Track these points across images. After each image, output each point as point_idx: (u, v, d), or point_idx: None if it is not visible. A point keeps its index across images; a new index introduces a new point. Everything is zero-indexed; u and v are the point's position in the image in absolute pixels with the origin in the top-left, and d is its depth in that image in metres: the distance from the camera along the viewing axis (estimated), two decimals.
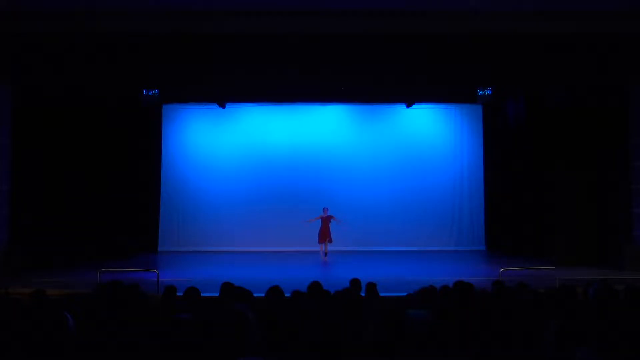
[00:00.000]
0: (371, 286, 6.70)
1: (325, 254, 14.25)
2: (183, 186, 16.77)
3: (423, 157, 17.00)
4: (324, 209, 14.60)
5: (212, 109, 16.44)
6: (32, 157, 12.64)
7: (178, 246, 16.36)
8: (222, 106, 16.12)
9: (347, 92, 14.54)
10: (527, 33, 10.84)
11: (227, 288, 5.80)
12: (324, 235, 14.32)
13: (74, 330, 4.75)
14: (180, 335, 4.59)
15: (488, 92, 13.68)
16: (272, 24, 10.48)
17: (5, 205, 11.84)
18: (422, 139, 17.08)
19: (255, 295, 5.88)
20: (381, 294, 6.80)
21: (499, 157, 16.31)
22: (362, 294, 6.67)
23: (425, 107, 16.78)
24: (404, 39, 11.11)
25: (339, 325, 4.90)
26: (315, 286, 6.07)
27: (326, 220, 14.42)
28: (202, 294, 5.78)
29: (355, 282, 6.64)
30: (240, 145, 16.82)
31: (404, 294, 6.72)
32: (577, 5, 10.03)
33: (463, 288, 5.83)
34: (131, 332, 4.66)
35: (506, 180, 15.86)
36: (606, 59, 11.58)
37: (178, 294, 5.85)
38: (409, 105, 16.29)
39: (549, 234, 13.88)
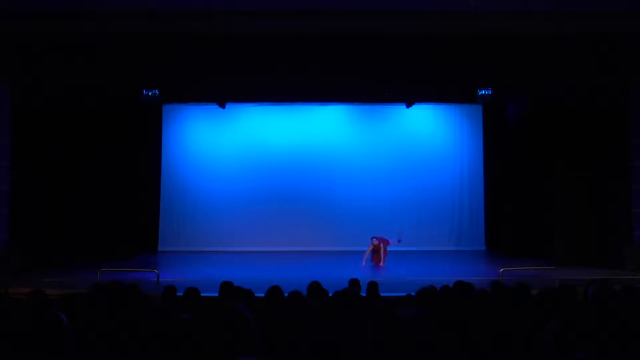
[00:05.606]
0: (372, 286, 6.69)
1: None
2: (183, 186, 16.77)
3: (423, 157, 17.01)
4: (372, 239, 13.80)
5: (212, 109, 16.44)
6: (32, 157, 12.64)
7: (178, 246, 16.36)
8: (222, 106, 16.12)
9: (347, 92, 14.55)
10: (527, 33, 10.83)
11: (227, 288, 5.80)
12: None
13: (70, 330, 4.75)
14: (180, 335, 4.58)
15: (488, 92, 13.68)
16: (272, 24, 10.47)
17: (5, 205, 11.84)
18: (422, 139, 17.08)
19: (255, 295, 5.87)
20: (381, 294, 6.80)
21: (499, 157, 16.31)
22: (363, 294, 6.67)
23: (425, 107, 16.77)
24: (404, 39, 11.12)
25: (339, 325, 4.90)
26: (315, 286, 6.07)
27: (378, 248, 13.68)
28: (202, 294, 5.77)
29: (354, 282, 6.64)
30: (240, 145, 16.83)
31: (404, 294, 6.72)
32: (577, 5, 10.03)
33: (463, 288, 5.83)
34: (131, 332, 4.66)
35: (506, 180, 15.85)
36: (606, 59, 11.58)
37: (178, 294, 5.85)
38: (409, 105, 16.29)
39: (549, 234, 13.88)
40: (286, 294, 5.56)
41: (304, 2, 9.99)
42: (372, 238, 13.76)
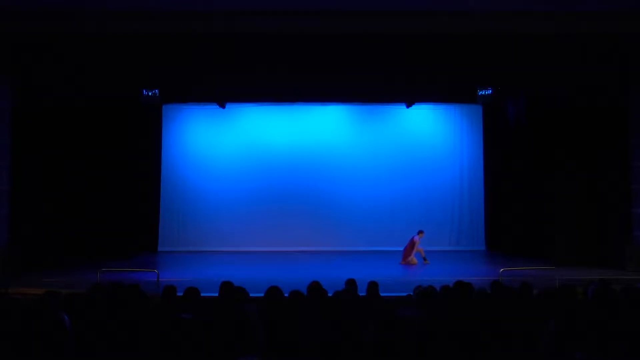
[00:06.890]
0: (372, 286, 6.69)
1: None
2: (183, 186, 16.76)
3: (423, 157, 17.00)
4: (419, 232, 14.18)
5: (212, 109, 16.43)
6: (32, 157, 12.64)
7: (178, 246, 16.35)
8: (222, 106, 16.12)
9: (347, 92, 14.52)
10: (527, 33, 10.83)
11: (227, 288, 5.80)
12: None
13: (71, 330, 4.75)
14: (180, 335, 4.58)
15: (488, 92, 13.67)
16: (272, 24, 10.47)
17: (5, 205, 11.84)
18: (422, 139, 17.08)
19: (255, 295, 5.88)
20: (381, 294, 6.80)
21: (499, 157, 16.30)
22: (363, 294, 6.67)
23: (425, 107, 16.77)
24: (404, 39, 11.11)
25: (339, 325, 4.90)
26: (314, 286, 6.07)
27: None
28: (202, 294, 5.78)
29: (350, 283, 6.66)
30: (240, 146, 16.82)
31: (404, 294, 6.73)
32: (577, 5, 10.03)
33: (463, 288, 5.83)
34: (131, 332, 4.66)
35: (506, 180, 15.85)
36: (606, 59, 11.58)
37: (178, 294, 5.85)
38: (409, 106, 16.29)
39: (549, 234, 13.88)
40: (286, 294, 5.57)
41: (304, 2, 9.98)
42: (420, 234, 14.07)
